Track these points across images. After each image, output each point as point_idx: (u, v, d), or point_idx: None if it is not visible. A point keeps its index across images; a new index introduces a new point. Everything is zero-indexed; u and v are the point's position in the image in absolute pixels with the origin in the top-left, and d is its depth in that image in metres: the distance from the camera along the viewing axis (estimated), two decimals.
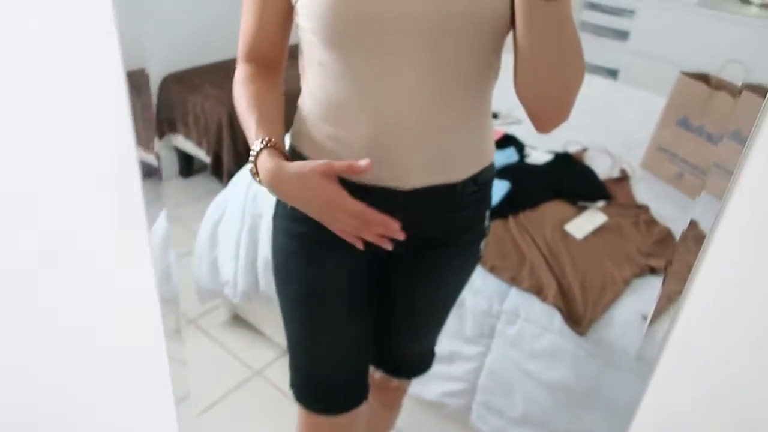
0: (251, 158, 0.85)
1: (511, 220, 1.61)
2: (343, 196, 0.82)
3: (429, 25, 0.78)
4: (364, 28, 0.79)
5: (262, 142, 0.84)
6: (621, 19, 3.34)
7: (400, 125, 0.84)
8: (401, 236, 0.84)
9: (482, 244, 1.05)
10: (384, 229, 0.83)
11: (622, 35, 3.34)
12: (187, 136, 2.77)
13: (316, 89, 0.88)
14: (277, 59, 0.96)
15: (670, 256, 1.50)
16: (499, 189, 1.70)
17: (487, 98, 0.91)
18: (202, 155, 2.75)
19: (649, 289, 1.42)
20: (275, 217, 1.02)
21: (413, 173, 0.88)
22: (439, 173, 0.90)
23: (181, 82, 2.74)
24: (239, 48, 0.94)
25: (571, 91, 0.79)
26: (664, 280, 0.66)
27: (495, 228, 1.58)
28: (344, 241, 0.89)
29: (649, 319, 1.31)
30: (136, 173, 0.55)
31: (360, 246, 0.87)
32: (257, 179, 0.86)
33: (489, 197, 1.02)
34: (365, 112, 0.84)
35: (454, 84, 0.84)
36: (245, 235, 1.79)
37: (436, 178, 0.90)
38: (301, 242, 0.98)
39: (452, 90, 0.84)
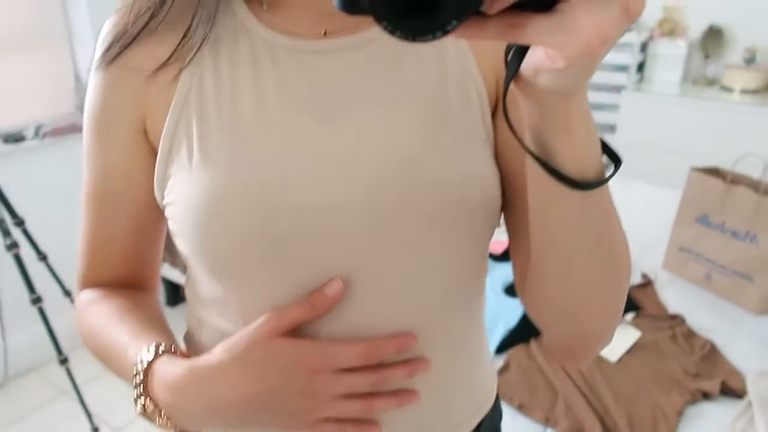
0: (135, 382, 0.50)
1: (533, 344, 1.43)
2: (325, 343, 0.48)
3: (365, 228, 0.49)
4: (271, 251, 0.49)
5: (148, 350, 0.51)
6: (606, 113, 3.35)
7: None
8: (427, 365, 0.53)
9: None
10: (408, 369, 0.51)
11: (610, 128, 3.33)
12: (173, 264, 2.63)
13: (210, 338, 0.57)
14: (146, 279, 0.64)
15: (722, 375, 1.32)
16: (516, 308, 1.53)
17: (478, 311, 0.60)
18: None
19: (708, 419, 1.22)
20: None
21: None
22: None
23: None
24: (79, 268, 0.62)
25: (619, 311, 0.51)
26: None
27: (518, 356, 1.40)
28: None
29: None
30: None
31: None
32: (152, 415, 0.50)
33: None
34: None
35: (417, 305, 0.53)
36: None
37: None
38: None
39: (417, 317, 0.53)
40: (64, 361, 1.69)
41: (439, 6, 0.28)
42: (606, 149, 0.42)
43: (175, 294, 2.78)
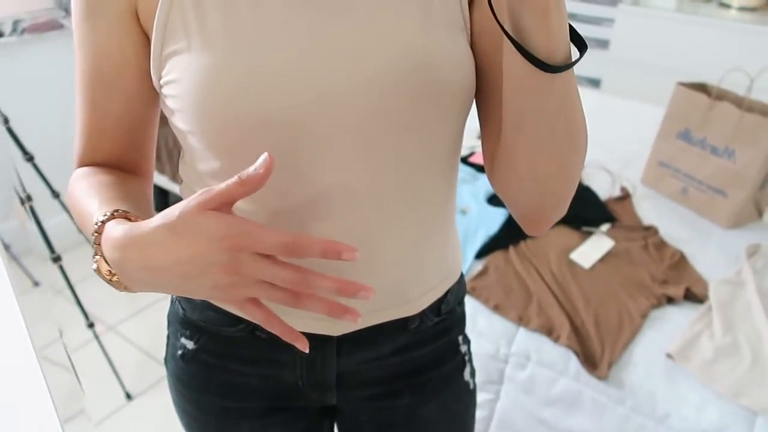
0: (93, 241, 0.53)
1: (511, 250, 1.49)
2: (253, 226, 0.47)
3: (363, 112, 0.53)
4: (271, 130, 0.52)
5: (104, 214, 0.53)
6: (600, 27, 3.28)
7: None
8: (370, 293, 0.48)
9: (467, 374, 0.77)
10: (336, 285, 0.48)
11: (602, 44, 3.28)
12: (161, 171, 2.63)
13: None
14: (138, 164, 0.66)
15: (687, 282, 1.39)
16: (497, 217, 1.58)
17: (451, 192, 0.65)
18: (177, 189, 2.61)
19: (670, 322, 1.30)
20: (167, 360, 0.75)
21: None
22: (385, 308, 0.65)
23: None
24: (76, 149, 0.64)
25: (576, 180, 0.56)
26: None
27: (496, 261, 1.46)
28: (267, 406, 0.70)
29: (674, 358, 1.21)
30: None
31: (305, 347, 0.52)
32: (101, 271, 0.53)
33: (461, 320, 0.76)
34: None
35: (405, 185, 0.58)
36: None
37: (380, 316, 0.65)
38: (210, 411, 0.73)
39: (403, 194, 0.58)
40: (56, 259, 1.73)
41: None
42: (573, 36, 0.46)
43: (164, 200, 2.80)
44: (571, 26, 0.45)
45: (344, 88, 0.52)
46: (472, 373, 0.78)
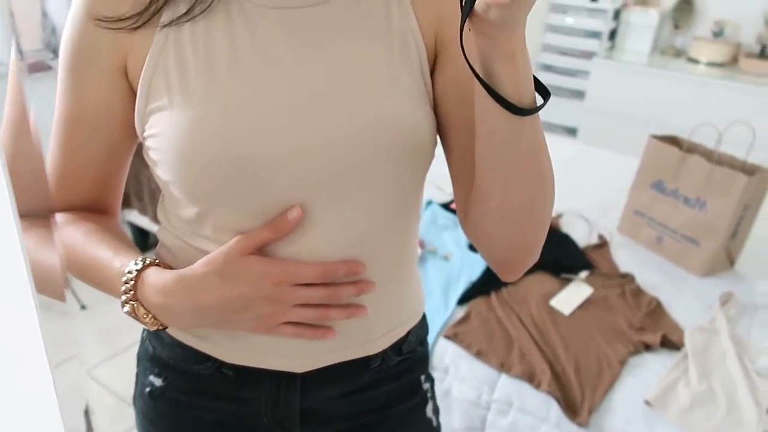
0: (125, 288, 0.58)
1: (493, 297, 1.51)
2: (288, 263, 0.57)
3: (331, 166, 0.56)
4: (244, 180, 0.56)
5: (136, 263, 0.59)
6: (576, 79, 3.41)
7: None
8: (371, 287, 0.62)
9: (429, 411, 0.77)
10: (356, 289, 0.61)
11: (578, 95, 3.40)
12: (142, 211, 2.62)
13: (183, 252, 0.63)
14: (110, 204, 0.69)
15: (664, 329, 1.43)
16: (479, 263, 1.61)
17: (412, 238, 0.68)
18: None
19: (648, 369, 1.33)
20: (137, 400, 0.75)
21: (309, 350, 0.65)
22: (347, 347, 0.67)
23: (135, 155, 2.61)
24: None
25: (545, 225, 0.59)
26: None
27: (478, 307, 1.48)
28: None
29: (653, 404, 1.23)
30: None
31: (333, 335, 0.63)
32: (138, 313, 0.59)
33: (423, 359, 0.77)
34: None
35: (367, 233, 0.61)
36: None
37: (342, 355, 0.67)
38: None
39: (366, 242, 0.61)
40: None
41: None
42: (537, 86, 0.51)
43: (144, 240, 2.78)
44: (534, 77, 0.50)
45: (313, 145, 0.55)
46: (435, 411, 0.80)
